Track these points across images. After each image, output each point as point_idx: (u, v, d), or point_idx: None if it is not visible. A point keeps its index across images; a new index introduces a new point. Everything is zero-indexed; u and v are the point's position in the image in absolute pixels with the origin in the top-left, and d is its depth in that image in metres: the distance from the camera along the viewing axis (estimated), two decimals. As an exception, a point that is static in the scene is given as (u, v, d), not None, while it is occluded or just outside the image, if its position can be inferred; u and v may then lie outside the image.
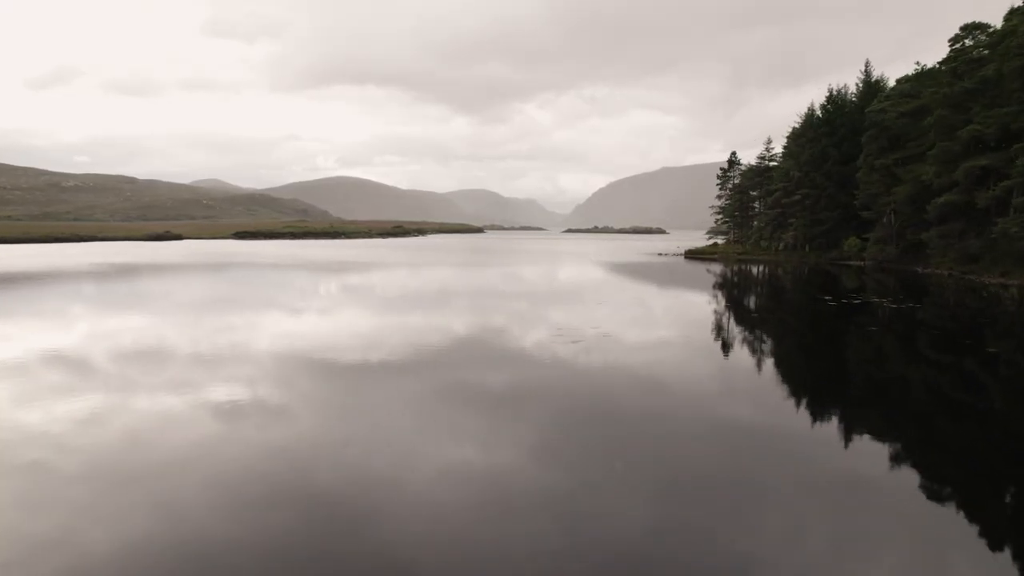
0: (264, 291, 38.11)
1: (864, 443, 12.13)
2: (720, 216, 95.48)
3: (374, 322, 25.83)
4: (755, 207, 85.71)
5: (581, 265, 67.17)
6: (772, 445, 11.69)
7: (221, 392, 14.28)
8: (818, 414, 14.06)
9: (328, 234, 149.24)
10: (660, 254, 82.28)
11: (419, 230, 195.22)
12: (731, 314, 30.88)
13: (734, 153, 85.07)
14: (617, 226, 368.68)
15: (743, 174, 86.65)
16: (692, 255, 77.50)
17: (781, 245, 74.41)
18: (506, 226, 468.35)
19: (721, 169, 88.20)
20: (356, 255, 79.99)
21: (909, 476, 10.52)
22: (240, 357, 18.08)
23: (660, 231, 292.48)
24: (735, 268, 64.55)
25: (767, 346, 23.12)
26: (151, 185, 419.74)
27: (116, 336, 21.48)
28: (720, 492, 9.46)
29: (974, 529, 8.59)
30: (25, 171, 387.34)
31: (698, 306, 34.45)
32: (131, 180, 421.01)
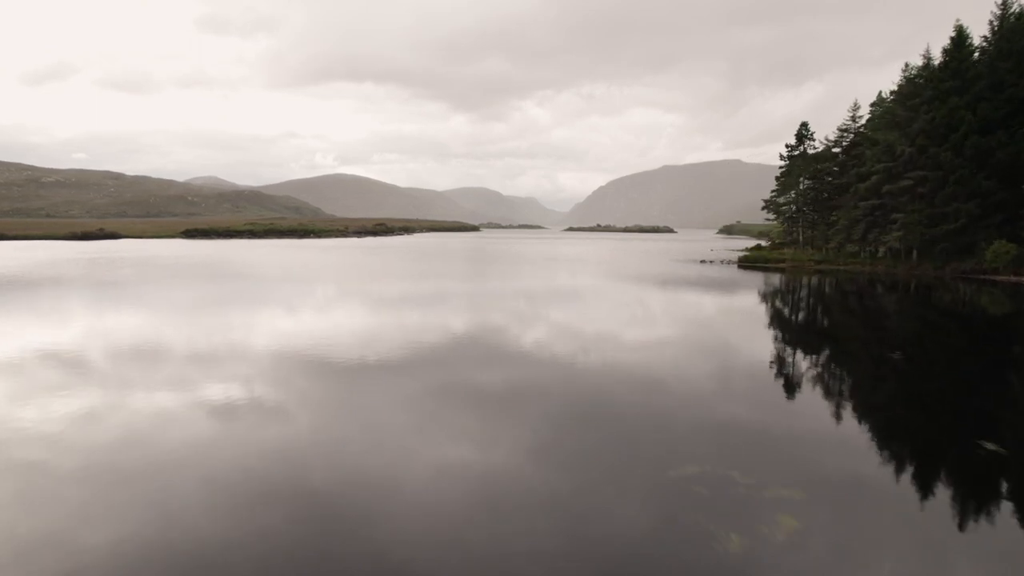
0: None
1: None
2: (774, 213, 72.95)
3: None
4: (806, 196, 62.67)
5: (612, 282, 44.73)
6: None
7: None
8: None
9: (296, 232, 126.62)
10: (703, 261, 59.81)
11: (405, 228, 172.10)
12: None
13: (805, 125, 61.99)
14: (619, 225, 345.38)
15: (803, 158, 63.62)
16: (748, 264, 55.20)
17: (880, 251, 51.88)
18: (504, 224, 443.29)
19: (787, 147, 65.01)
20: (293, 260, 57.75)
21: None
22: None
23: (668, 230, 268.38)
24: (832, 283, 42.32)
25: None
26: (138, 181, 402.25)
27: None
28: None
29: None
30: (7, 166, 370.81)
31: None
32: (117, 176, 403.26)
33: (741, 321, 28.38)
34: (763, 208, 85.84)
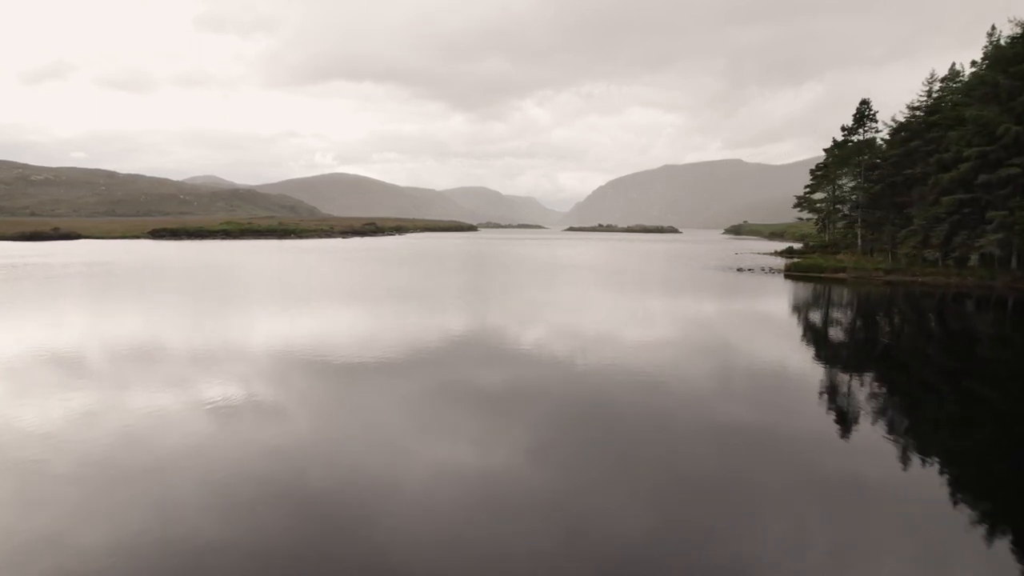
0: None
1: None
2: (809, 211, 62.08)
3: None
4: (868, 191, 51.25)
5: (648, 299, 33.91)
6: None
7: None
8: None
9: (275, 233, 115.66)
10: (740, 269, 48.80)
11: (397, 228, 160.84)
12: None
13: (867, 103, 50.53)
14: (621, 224, 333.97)
15: (865, 145, 52.35)
16: (798, 273, 44.32)
17: (971, 259, 40.97)
18: (503, 224, 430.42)
19: (843, 129, 53.50)
20: (243, 265, 46.86)
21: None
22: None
23: (672, 230, 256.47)
24: (912, 298, 31.50)
25: None
26: (131, 180, 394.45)
27: None
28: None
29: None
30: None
31: None
32: (111, 174, 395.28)
33: (833, 357, 19.49)
34: (795, 206, 75.12)
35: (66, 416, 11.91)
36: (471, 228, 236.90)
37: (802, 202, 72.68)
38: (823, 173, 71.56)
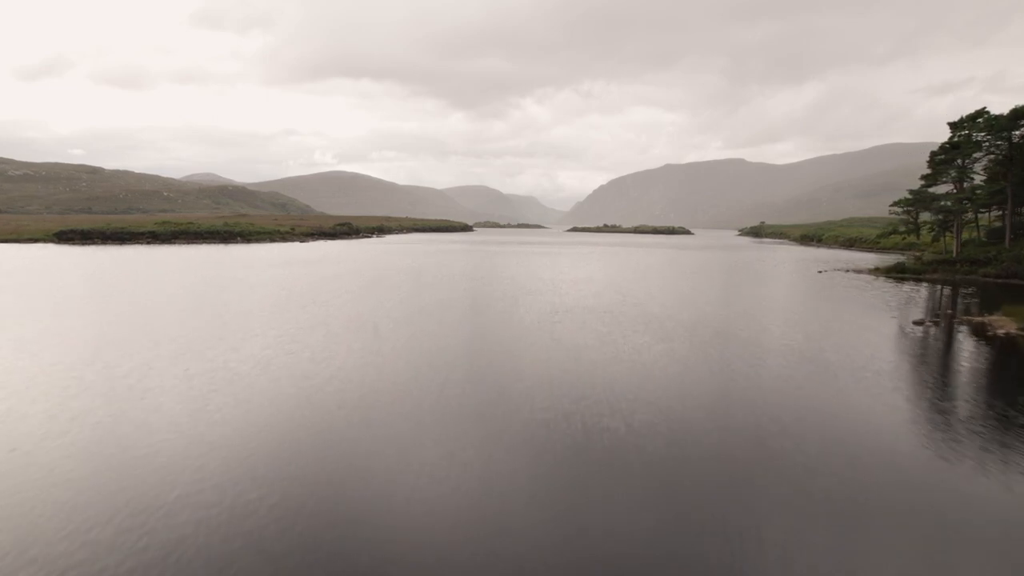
0: None
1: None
2: (928, 211, 39.87)
3: None
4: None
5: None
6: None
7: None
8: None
9: (218, 235, 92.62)
10: (920, 323, 26.01)
11: (378, 228, 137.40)
12: None
13: None
14: (625, 224, 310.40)
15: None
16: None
17: None
18: (502, 223, 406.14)
19: None
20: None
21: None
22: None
23: (684, 231, 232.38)
24: None
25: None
26: (116, 176, 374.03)
27: None
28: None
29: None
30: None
31: None
32: (95, 170, 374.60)
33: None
34: (898, 203, 52.69)
35: None
36: (466, 228, 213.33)
37: (919, 199, 50.13)
38: (947, 157, 49.00)
